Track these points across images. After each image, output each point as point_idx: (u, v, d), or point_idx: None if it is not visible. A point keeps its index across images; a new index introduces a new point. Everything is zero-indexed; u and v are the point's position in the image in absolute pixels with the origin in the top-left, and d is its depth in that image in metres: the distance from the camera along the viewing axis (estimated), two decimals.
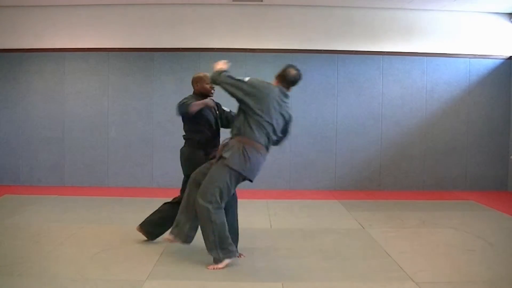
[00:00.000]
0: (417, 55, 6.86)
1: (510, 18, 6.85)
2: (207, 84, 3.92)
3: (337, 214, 5.30)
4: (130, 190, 6.64)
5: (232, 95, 3.46)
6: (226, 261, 3.40)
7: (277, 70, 3.63)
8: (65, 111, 6.88)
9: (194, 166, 3.70)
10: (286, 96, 3.55)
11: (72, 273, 3.26)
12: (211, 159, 3.66)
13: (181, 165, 3.95)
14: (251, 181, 3.48)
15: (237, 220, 3.77)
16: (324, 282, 3.21)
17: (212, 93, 3.97)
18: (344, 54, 6.83)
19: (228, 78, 3.47)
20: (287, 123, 3.62)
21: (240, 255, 3.63)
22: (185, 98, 3.86)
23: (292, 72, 3.55)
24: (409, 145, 6.93)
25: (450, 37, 6.88)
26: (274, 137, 3.55)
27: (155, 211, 4.04)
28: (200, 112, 3.79)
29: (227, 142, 3.49)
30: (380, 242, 4.11)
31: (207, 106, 3.84)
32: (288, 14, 6.83)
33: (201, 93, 3.95)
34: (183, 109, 3.75)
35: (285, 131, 3.67)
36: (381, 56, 6.86)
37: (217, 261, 3.40)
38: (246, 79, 3.48)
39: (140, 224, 4.03)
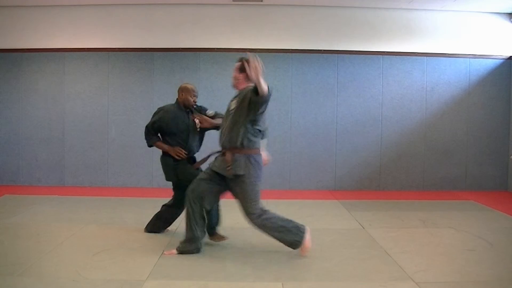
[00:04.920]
0: (417, 55, 6.86)
1: (510, 18, 6.85)
2: (192, 97, 4.03)
3: (337, 214, 5.29)
4: (130, 190, 6.65)
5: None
6: None
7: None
8: (65, 111, 6.88)
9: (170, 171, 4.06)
10: None
11: (72, 273, 3.25)
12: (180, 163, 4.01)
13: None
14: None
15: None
16: (324, 282, 3.21)
17: (193, 107, 4.07)
18: (344, 54, 6.83)
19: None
20: None
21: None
22: (160, 110, 4.08)
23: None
24: (409, 145, 6.93)
25: (450, 37, 6.89)
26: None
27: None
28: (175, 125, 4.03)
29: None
30: (380, 242, 4.11)
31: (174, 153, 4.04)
32: (288, 14, 6.84)
33: (184, 104, 4.06)
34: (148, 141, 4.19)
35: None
36: (381, 56, 6.86)
37: None
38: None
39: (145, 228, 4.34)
